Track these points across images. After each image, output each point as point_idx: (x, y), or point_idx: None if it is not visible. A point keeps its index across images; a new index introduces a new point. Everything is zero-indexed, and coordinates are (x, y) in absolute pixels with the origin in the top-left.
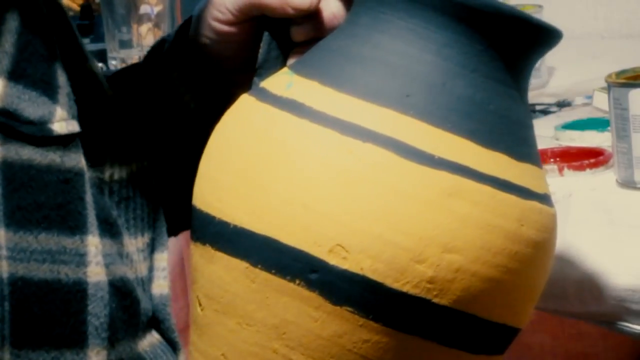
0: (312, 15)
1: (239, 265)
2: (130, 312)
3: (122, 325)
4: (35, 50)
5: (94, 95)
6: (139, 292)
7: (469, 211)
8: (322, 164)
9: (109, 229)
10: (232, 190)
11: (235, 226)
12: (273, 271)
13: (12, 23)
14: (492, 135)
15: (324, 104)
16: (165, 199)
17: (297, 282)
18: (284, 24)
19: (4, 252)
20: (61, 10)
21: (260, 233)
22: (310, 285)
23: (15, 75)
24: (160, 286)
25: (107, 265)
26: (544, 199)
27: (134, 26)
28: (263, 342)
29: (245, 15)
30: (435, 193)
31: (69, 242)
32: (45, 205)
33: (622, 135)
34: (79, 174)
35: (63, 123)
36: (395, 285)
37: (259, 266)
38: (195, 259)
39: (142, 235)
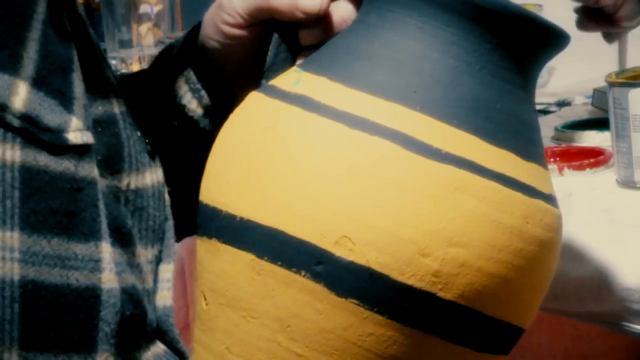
0: (321, 19)
1: (244, 258)
2: (139, 321)
3: (130, 334)
4: (55, 60)
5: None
6: (146, 302)
7: (474, 206)
8: (330, 156)
9: (120, 238)
10: (238, 183)
11: (241, 219)
12: (279, 263)
13: (36, 32)
14: (499, 133)
15: (332, 99)
16: (171, 204)
17: (303, 273)
18: (293, 26)
19: (17, 255)
20: (82, 22)
21: (266, 225)
22: (316, 277)
23: (37, 83)
24: (164, 297)
25: (118, 274)
26: (550, 199)
27: (134, 26)
28: (267, 335)
29: (254, 19)
30: (442, 187)
31: (81, 248)
32: (58, 211)
33: (622, 135)
34: (92, 183)
35: (78, 133)
36: (401, 278)
37: (265, 258)
38: (200, 254)
39: (152, 246)
